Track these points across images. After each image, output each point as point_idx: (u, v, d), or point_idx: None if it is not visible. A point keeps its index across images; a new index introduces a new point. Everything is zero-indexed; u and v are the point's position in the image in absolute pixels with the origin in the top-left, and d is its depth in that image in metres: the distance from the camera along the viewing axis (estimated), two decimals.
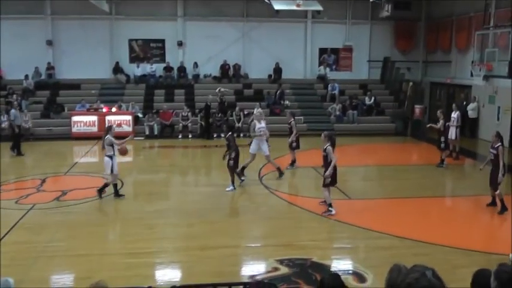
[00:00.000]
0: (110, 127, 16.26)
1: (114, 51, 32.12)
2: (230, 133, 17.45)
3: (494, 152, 14.31)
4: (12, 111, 23.70)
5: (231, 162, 16.81)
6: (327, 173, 14.23)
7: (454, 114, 21.94)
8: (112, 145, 15.48)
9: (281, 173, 18.62)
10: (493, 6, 25.59)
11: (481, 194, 16.53)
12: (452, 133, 21.73)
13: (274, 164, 18.82)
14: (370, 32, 34.27)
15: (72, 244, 11.58)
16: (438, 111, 21.77)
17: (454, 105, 23.50)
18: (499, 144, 14.34)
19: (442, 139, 20.75)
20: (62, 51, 31.53)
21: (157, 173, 19.91)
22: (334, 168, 14.28)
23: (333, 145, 14.34)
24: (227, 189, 16.79)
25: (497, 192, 14.02)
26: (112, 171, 15.52)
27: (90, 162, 22.59)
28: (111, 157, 15.47)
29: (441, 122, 20.86)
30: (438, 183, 19.33)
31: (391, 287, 4.54)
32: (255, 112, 25.79)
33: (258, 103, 27.64)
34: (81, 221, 13.48)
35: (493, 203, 14.70)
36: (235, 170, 17.07)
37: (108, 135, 15.48)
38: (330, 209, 14.40)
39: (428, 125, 22.37)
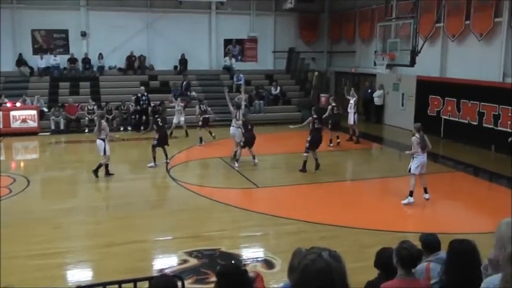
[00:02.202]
0: (103, 114, 19.00)
1: (17, 42, 30.98)
2: (153, 117, 19.63)
3: None
4: None
5: (154, 142, 18.66)
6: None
7: (352, 101, 22.95)
8: (104, 129, 17.10)
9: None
10: None
11: (386, 177, 17.23)
12: (350, 118, 23.38)
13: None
14: (274, 23, 34.68)
15: None
16: (330, 98, 22.93)
17: (351, 91, 24.45)
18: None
19: (330, 121, 21.82)
20: None
21: (64, 170, 19.55)
22: (249, 137, 18.66)
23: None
24: (148, 165, 18.54)
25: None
26: (105, 152, 16.98)
27: None
28: (103, 140, 16.97)
29: (329, 107, 22.22)
30: (345, 167, 19.97)
31: (292, 271, 4.73)
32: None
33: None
34: None
35: None
36: (156, 148, 18.77)
37: (103, 121, 17.41)
38: (235, 162, 18.67)
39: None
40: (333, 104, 22.55)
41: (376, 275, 5.92)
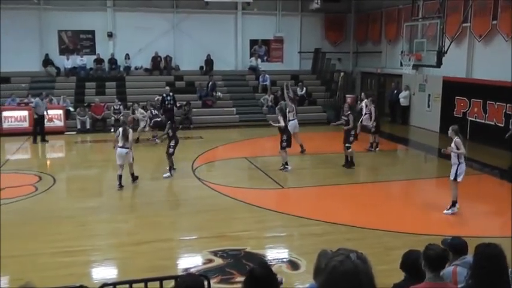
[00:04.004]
0: (126, 121, 17.52)
1: (44, 42, 31.31)
2: (170, 122, 18.35)
3: None
4: (36, 99, 24.70)
5: (171, 150, 17.57)
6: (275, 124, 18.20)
7: (362, 103, 22.83)
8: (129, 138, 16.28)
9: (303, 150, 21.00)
10: None
11: (411, 179, 17.14)
12: (363, 119, 23.06)
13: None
14: (300, 23, 34.65)
15: (4, 245, 10.96)
16: (368, 99, 22.69)
17: (363, 94, 24.73)
18: None
19: (374, 124, 21.59)
20: None
21: (90, 169, 19.68)
22: (289, 136, 18.19)
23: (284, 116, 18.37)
24: (164, 175, 17.54)
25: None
26: (133, 160, 16.48)
27: (22, 159, 22.02)
28: (129, 148, 16.20)
29: (372, 109, 21.76)
30: (370, 169, 19.78)
31: (318, 272, 4.72)
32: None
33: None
34: (14, 220, 13.16)
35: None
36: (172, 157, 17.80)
37: (129, 128, 16.52)
38: (286, 166, 18.06)
39: None
40: (373, 106, 22.27)
41: (401, 278, 5.90)
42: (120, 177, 16.12)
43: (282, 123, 18.00)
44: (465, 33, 24.35)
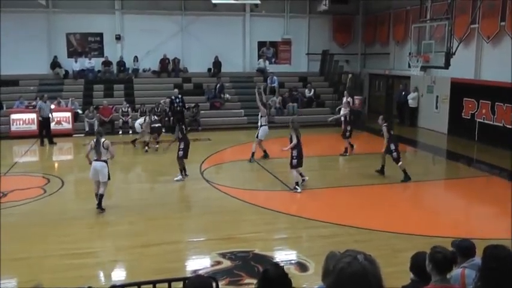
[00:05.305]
0: (102, 131, 14.86)
1: (52, 45, 31.41)
2: (179, 124, 18.19)
3: None
4: (38, 102, 25.15)
5: (181, 152, 17.31)
6: (286, 148, 16.31)
7: (345, 99, 22.84)
8: (108, 149, 14.10)
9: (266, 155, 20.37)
10: (429, 0, 26.33)
11: (419, 181, 17.08)
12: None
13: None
14: (308, 25, 34.65)
15: (13, 247, 11.14)
16: (349, 97, 23.17)
17: (345, 92, 24.62)
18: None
19: (348, 128, 21.43)
20: None
21: None
22: (300, 152, 15.95)
23: (296, 131, 16.09)
24: (175, 179, 17.32)
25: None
26: (109, 177, 14.21)
27: (30, 162, 22.19)
28: (106, 162, 14.11)
29: (345, 111, 21.81)
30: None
31: (327, 274, 4.71)
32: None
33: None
34: (22, 222, 13.26)
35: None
36: (183, 160, 17.47)
37: (103, 139, 14.04)
38: (296, 187, 15.97)
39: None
40: (349, 109, 22.39)
41: (409, 281, 5.89)
42: (97, 196, 14.25)
43: (295, 141, 16.03)
44: (473, 35, 24.29)
